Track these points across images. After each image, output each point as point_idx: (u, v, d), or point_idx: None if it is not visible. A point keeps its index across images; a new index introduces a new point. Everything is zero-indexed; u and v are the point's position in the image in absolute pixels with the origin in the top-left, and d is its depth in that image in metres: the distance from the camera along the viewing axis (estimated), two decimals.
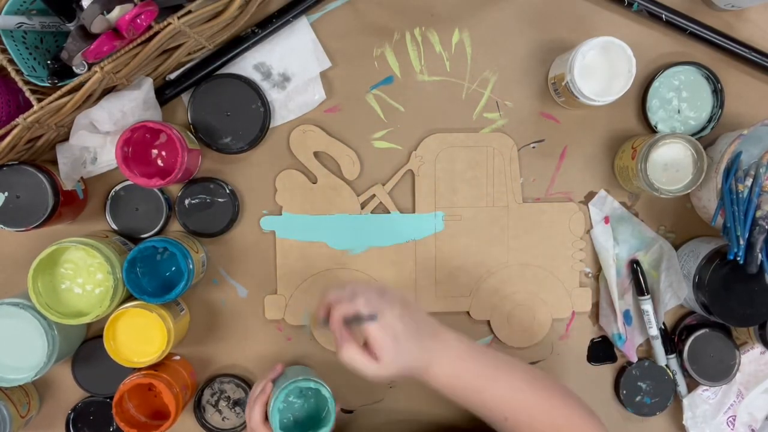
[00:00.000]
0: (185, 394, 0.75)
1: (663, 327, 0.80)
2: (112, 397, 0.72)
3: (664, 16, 0.76)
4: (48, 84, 0.65)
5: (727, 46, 0.77)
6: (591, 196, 0.80)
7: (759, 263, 0.70)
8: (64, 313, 0.69)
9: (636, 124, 0.80)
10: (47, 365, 0.71)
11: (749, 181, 0.70)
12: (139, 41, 0.65)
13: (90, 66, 0.64)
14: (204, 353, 0.80)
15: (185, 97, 0.77)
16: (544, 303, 0.80)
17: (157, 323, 0.71)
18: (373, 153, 0.79)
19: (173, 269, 0.76)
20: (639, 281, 0.79)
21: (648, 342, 0.80)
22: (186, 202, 0.78)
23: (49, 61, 0.65)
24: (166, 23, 0.64)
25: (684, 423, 0.80)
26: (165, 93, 0.76)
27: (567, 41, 0.78)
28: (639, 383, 0.80)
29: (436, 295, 0.80)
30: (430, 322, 0.65)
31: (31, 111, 0.64)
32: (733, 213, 0.70)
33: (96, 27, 0.60)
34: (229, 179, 0.79)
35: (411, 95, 0.79)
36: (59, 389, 0.80)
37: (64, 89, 0.64)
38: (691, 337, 0.79)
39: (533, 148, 0.80)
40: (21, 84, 0.63)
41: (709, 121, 0.78)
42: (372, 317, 0.61)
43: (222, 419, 0.80)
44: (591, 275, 0.81)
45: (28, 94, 0.64)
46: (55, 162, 0.73)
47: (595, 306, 0.81)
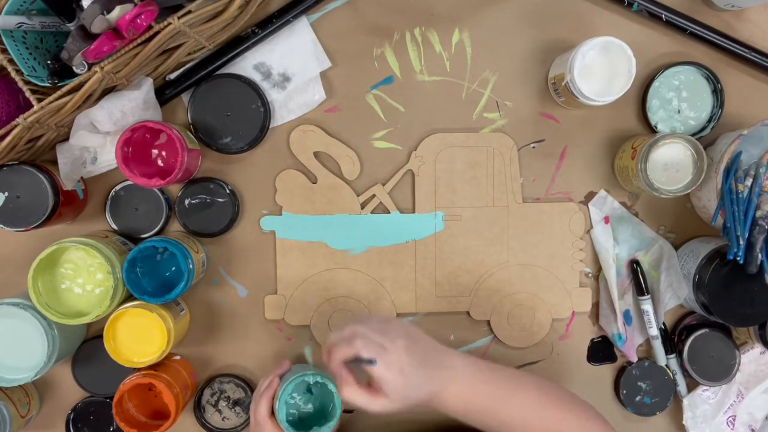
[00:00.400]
0: (185, 394, 0.75)
1: (663, 327, 0.80)
2: (112, 397, 0.72)
3: (664, 16, 0.76)
4: (48, 84, 0.65)
5: (727, 46, 0.77)
6: (591, 196, 0.80)
7: (759, 263, 0.70)
8: (64, 313, 0.69)
9: (636, 124, 0.80)
10: (47, 365, 0.71)
11: (749, 181, 0.70)
12: (139, 41, 0.65)
13: (90, 66, 0.64)
14: (204, 353, 0.80)
15: (185, 97, 0.77)
16: (544, 303, 0.80)
17: (157, 323, 0.71)
18: (373, 153, 0.79)
19: (173, 269, 0.76)
20: (639, 281, 0.79)
21: (648, 342, 0.80)
22: (186, 202, 0.78)
23: (49, 61, 0.65)
24: (166, 23, 0.64)
25: (684, 423, 0.80)
26: (165, 93, 0.76)
27: (567, 41, 0.78)
28: (639, 383, 0.80)
29: (436, 295, 0.80)
30: (436, 348, 0.64)
31: (31, 111, 0.64)
32: (733, 213, 0.70)
33: (96, 27, 0.60)
34: (229, 179, 0.79)
35: (411, 95, 0.79)
36: (59, 389, 0.80)
37: (64, 89, 0.64)
38: (691, 337, 0.79)
39: (533, 148, 0.80)
40: (21, 84, 0.63)
41: (709, 121, 0.78)
42: (371, 361, 0.59)
43: (222, 419, 0.80)
44: (591, 275, 0.81)
45: (28, 94, 0.64)
46: (55, 162, 0.73)
47: (595, 306, 0.81)
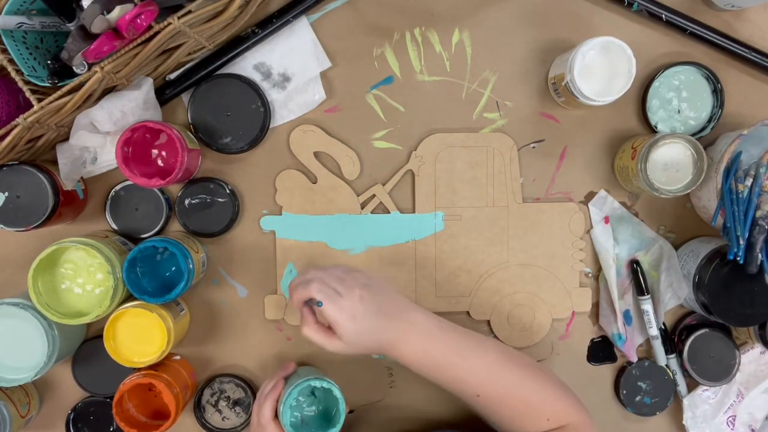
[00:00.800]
0: (185, 394, 0.75)
1: (663, 327, 0.80)
2: (112, 397, 0.72)
3: (664, 16, 0.76)
4: (48, 84, 0.65)
5: (727, 46, 0.77)
6: (591, 196, 0.80)
7: (759, 263, 0.70)
8: (64, 313, 0.69)
9: (636, 124, 0.80)
10: (47, 365, 0.71)
11: (749, 181, 0.70)
12: (139, 41, 0.65)
13: (90, 66, 0.64)
14: (204, 353, 0.80)
15: (185, 97, 0.77)
16: (544, 303, 0.80)
17: (157, 323, 0.71)
18: (373, 153, 0.79)
19: (173, 269, 0.76)
20: (639, 281, 0.79)
21: (648, 342, 0.80)
22: (186, 202, 0.78)
23: (49, 61, 0.65)
24: (166, 23, 0.64)
25: (684, 423, 0.80)
26: (165, 93, 0.76)
27: (567, 41, 0.78)
28: (639, 383, 0.80)
29: (436, 295, 0.80)
30: (396, 302, 0.67)
31: (31, 111, 0.64)
32: (733, 213, 0.70)
33: (96, 27, 0.60)
34: (229, 179, 0.79)
35: (411, 95, 0.79)
36: (59, 389, 0.80)
37: (64, 89, 0.64)
38: (691, 337, 0.79)
39: (533, 148, 0.80)
40: (21, 84, 0.63)
41: (709, 121, 0.78)
42: (318, 303, 0.64)
43: (222, 419, 0.80)
44: (591, 275, 0.81)
45: (28, 94, 0.64)
46: (55, 162, 0.73)
47: (595, 306, 0.81)
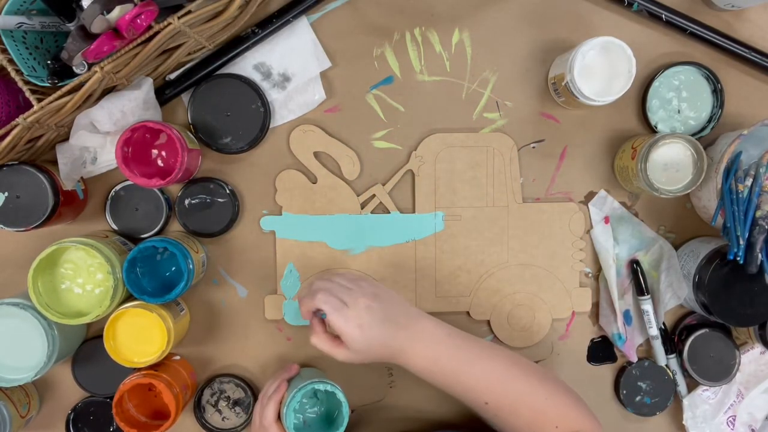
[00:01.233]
0: (185, 394, 0.75)
1: (663, 327, 0.80)
2: (112, 397, 0.72)
3: (664, 16, 0.76)
4: (48, 84, 0.65)
5: (727, 46, 0.77)
6: (591, 196, 0.80)
7: (759, 263, 0.70)
8: (64, 313, 0.69)
9: (636, 124, 0.80)
10: (47, 365, 0.71)
11: (749, 181, 0.70)
12: (139, 41, 0.65)
13: (90, 66, 0.64)
14: (204, 353, 0.80)
15: (185, 97, 0.77)
16: (544, 303, 0.80)
17: (157, 323, 0.71)
18: (373, 153, 0.79)
19: (173, 269, 0.76)
20: (639, 281, 0.79)
21: (648, 342, 0.80)
22: (186, 202, 0.78)
23: (49, 61, 0.65)
24: (166, 23, 0.64)
25: (684, 423, 0.80)
26: (165, 93, 0.76)
27: (567, 41, 0.78)
28: (639, 383, 0.80)
29: (436, 295, 0.80)
30: (404, 310, 0.68)
31: (31, 111, 0.64)
32: (733, 213, 0.70)
33: (96, 27, 0.60)
34: (229, 179, 0.79)
35: (411, 95, 0.79)
36: (59, 389, 0.80)
37: (64, 89, 0.64)
38: (691, 337, 0.79)
39: (533, 148, 0.80)
40: (21, 84, 0.63)
41: (709, 121, 0.78)
42: (323, 314, 0.66)
43: (222, 419, 0.80)
44: (591, 275, 0.81)
45: (28, 94, 0.64)
46: (55, 162, 0.73)
47: (595, 306, 0.81)
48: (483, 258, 0.80)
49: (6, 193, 0.70)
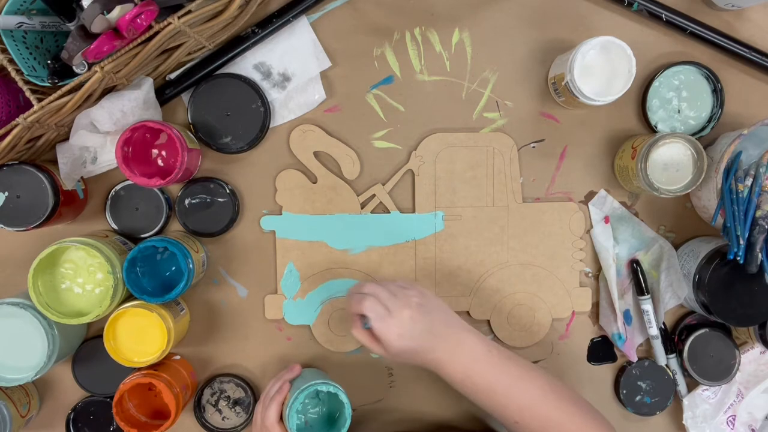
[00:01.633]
0: (185, 394, 0.75)
1: (663, 327, 0.80)
2: (112, 397, 0.72)
3: (664, 16, 0.76)
4: (48, 84, 0.65)
5: (727, 46, 0.77)
6: (591, 196, 0.80)
7: (759, 263, 0.70)
8: (64, 313, 0.69)
9: (636, 124, 0.80)
10: (47, 365, 0.71)
11: (749, 181, 0.70)
12: (139, 41, 0.65)
13: (90, 66, 0.64)
14: (204, 353, 0.80)
15: (185, 97, 0.77)
16: (544, 303, 0.80)
17: (157, 323, 0.71)
18: (373, 153, 0.79)
19: (173, 269, 0.76)
20: (639, 281, 0.79)
21: (648, 342, 0.80)
22: (186, 202, 0.78)
23: (49, 61, 0.65)
24: (166, 23, 0.64)
25: (684, 423, 0.80)
26: (165, 93, 0.76)
27: (567, 41, 0.78)
28: (639, 383, 0.80)
29: (435, 295, 0.79)
30: (448, 321, 0.68)
31: (31, 111, 0.64)
32: (733, 213, 0.70)
33: (96, 27, 0.60)
34: (229, 179, 0.79)
35: (411, 95, 0.79)
36: (59, 389, 0.80)
37: (64, 89, 0.64)
38: (691, 337, 0.79)
39: (533, 148, 0.80)
40: (21, 84, 0.63)
41: (709, 121, 0.78)
42: (366, 324, 0.67)
43: (222, 419, 0.80)
44: (591, 275, 0.81)
45: (28, 94, 0.64)
46: (55, 162, 0.73)
47: (595, 306, 0.81)
48: (483, 258, 0.80)
49: (6, 193, 0.70)
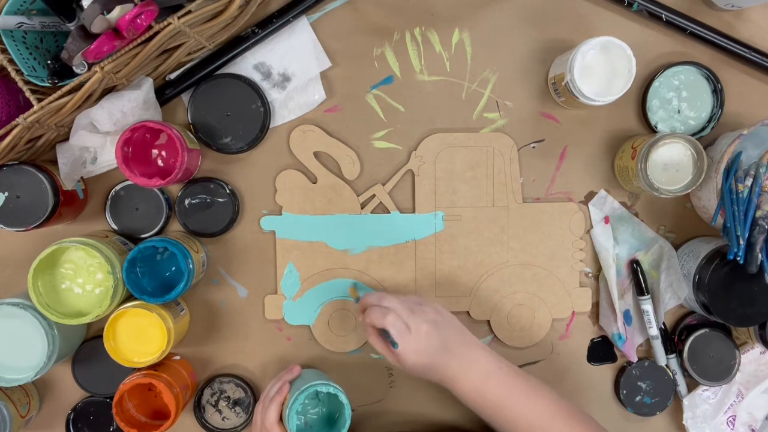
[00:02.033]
0: (185, 394, 0.75)
1: (663, 327, 0.80)
2: (112, 397, 0.72)
3: (664, 16, 0.76)
4: (48, 84, 0.65)
5: (727, 46, 0.77)
6: (591, 196, 0.80)
7: (759, 263, 0.70)
8: (64, 313, 0.69)
9: (636, 124, 0.80)
10: (47, 365, 0.71)
11: (749, 181, 0.70)
12: (139, 41, 0.65)
13: (90, 66, 0.64)
14: (204, 353, 0.80)
15: (185, 97, 0.77)
16: (544, 303, 0.80)
17: (157, 323, 0.71)
18: (373, 153, 0.79)
19: (173, 269, 0.76)
20: (639, 281, 0.79)
21: (648, 342, 0.80)
22: (186, 202, 0.78)
23: (49, 61, 0.65)
24: (166, 23, 0.64)
25: (684, 423, 0.80)
26: (165, 93, 0.76)
27: (567, 41, 0.78)
28: (639, 383, 0.80)
29: (436, 295, 0.80)
30: (462, 339, 0.69)
31: (31, 111, 0.64)
32: (733, 213, 0.70)
33: (96, 27, 0.60)
34: (229, 179, 0.79)
35: (411, 95, 0.79)
36: (59, 389, 0.80)
37: (64, 89, 0.64)
38: (691, 337, 0.79)
39: (533, 148, 0.80)
40: (21, 84, 0.63)
41: (709, 121, 0.78)
42: (394, 343, 0.67)
43: (222, 419, 0.80)
44: (591, 275, 0.81)
45: (28, 94, 0.64)
46: (55, 162, 0.73)
47: (595, 306, 0.81)
48: (483, 258, 0.80)
49: (6, 193, 0.70)
